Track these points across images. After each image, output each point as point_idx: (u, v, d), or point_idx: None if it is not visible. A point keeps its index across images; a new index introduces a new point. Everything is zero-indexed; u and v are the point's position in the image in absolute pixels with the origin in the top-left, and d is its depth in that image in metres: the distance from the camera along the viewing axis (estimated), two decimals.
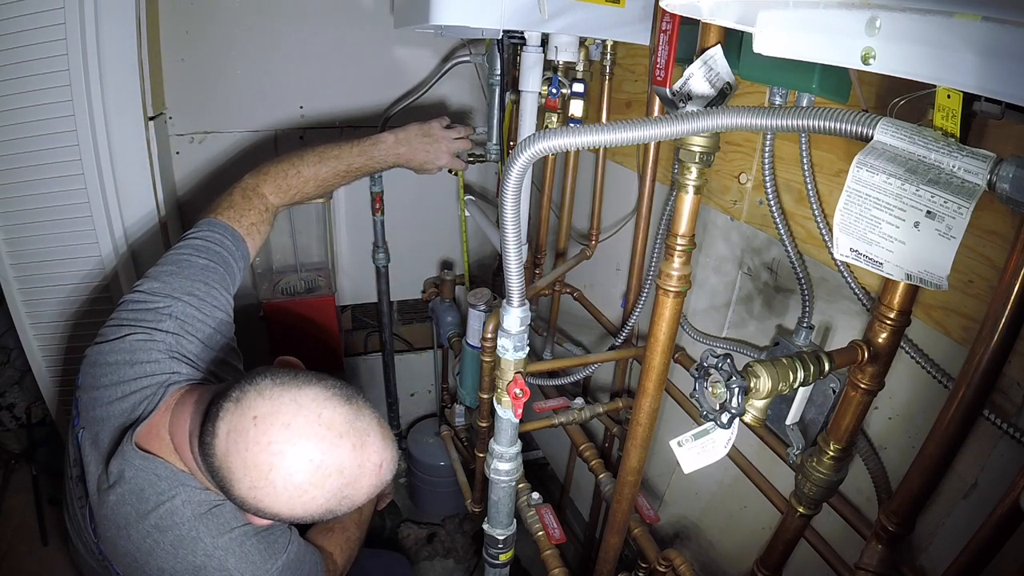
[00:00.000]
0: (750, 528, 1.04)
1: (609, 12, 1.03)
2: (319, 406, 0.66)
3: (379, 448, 0.70)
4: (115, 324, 0.83)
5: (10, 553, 1.55)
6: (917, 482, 0.67)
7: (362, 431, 0.68)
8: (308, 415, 0.65)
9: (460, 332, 1.68)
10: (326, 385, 0.69)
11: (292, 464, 0.64)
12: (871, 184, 0.50)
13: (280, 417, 0.64)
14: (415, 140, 1.20)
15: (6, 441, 1.83)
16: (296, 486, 0.65)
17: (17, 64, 1.16)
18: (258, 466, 0.64)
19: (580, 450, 1.27)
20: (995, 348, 0.57)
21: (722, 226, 1.05)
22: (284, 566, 0.80)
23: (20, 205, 1.27)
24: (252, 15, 1.44)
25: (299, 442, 0.64)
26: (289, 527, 0.85)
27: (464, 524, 1.89)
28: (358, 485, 0.69)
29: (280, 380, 0.67)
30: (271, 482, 0.65)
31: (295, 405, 0.65)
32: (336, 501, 0.68)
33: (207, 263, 0.91)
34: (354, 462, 0.67)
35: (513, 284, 0.70)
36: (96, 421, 0.79)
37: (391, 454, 0.72)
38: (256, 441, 0.64)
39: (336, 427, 0.66)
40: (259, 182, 1.03)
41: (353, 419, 0.68)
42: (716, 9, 0.61)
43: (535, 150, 0.56)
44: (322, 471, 0.65)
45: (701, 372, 0.62)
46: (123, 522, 0.75)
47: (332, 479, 0.66)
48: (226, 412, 0.66)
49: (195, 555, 0.74)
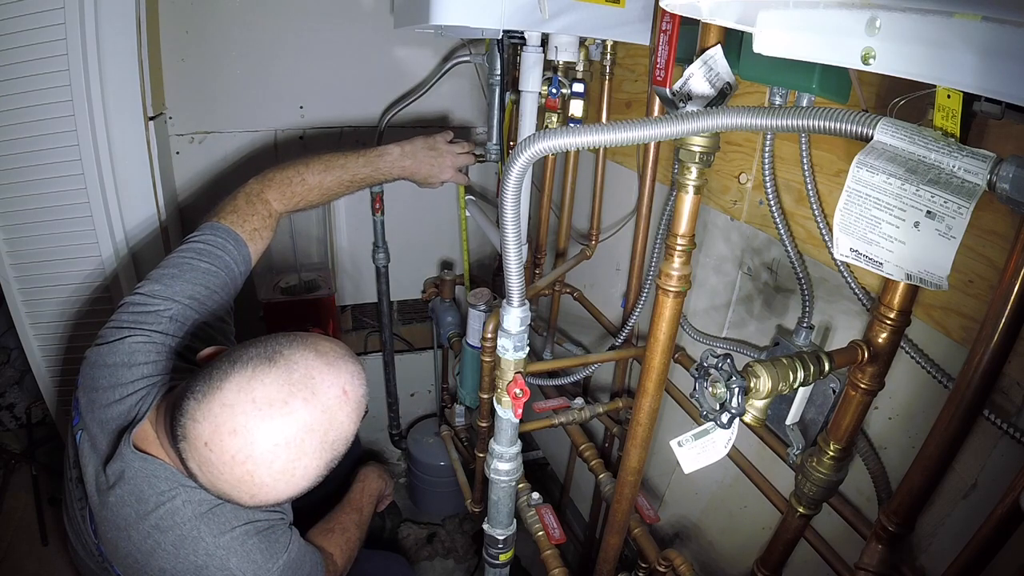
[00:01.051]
0: (750, 528, 1.04)
1: (609, 12, 1.03)
2: (247, 392, 0.65)
3: (332, 379, 0.68)
4: (115, 326, 0.83)
5: (10, 553, 1.54)
6: (917, 482, 0.67)
7: (303, 379, 0.67)
8: (244, 407, 0.64)
9: (460, 332, 1.68)
10: (244, 363, 0.67)
11: (263, 458, 0.64)
12: (871, 184, 0.50)
13: (223, 429, 0.64)
14: (420, 153, 1.20)
15: (6, 441, 1.83)
16: (282, 471, 0.65)
17: (17, 64, 1.16)
18: (241, 479, 0.65)
19: (580, 450, 1.27)
20: (995, 348, 0.57)
21: (722, 226, 1.05)
22: (285, 565, 0.80)
23: (20, 205, 1.27)
24: (252, 15, 1.44)
25: (255, 436, 0.64)
26: (290, 526, 0.85)
27: (464, 524, 1.89)
28: (337, 423, 0.68)
29: (200, 392, 0.65)
30: (261, 483, 0.65)
31: (227, 408, 0.64)
32: (328, 452, 0.68)
33: (208, 267, 0.90)
34: (316, 411, 0.66)
35: (513, 284, 0.70)
36: (95, 423, 0.79)
37: (347, 374, 0.70)
38: (223, 463, 0.64)
39: (276, 397, 0.65)
40: (263, 188, 1.03)
41: (287, 376, 0.66)
42: (716, 9, 0.61)
43: (535, 150, 0.56)
44: (294, 444, 0.65)
45: (701, 372, 0.62)
46: (123, 523, 0.75)
47: (308, 441, 0.66)
48: (185, 451, 0.66)
49: (196, 555, 0.74)
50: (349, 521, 1.09)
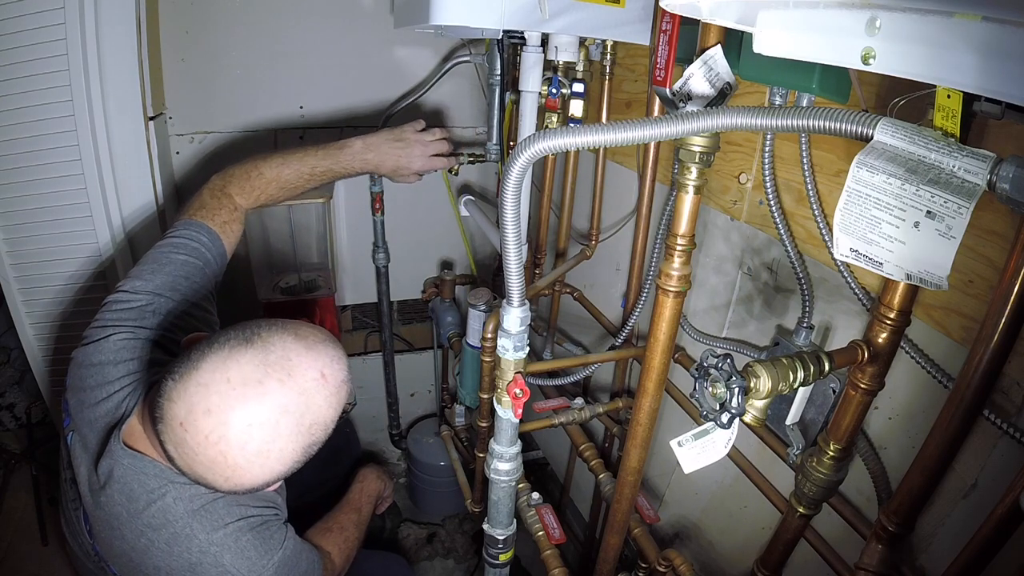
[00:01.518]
0: (750, 528, 1.04)
1: (609, 12, 1.03)
2: (222, 372, 0.64)
3: (310, 362, 0.67)
4: (99, 325, 0.83)
5: (10, 553, 1.54)
6: (917, 482, 0.67)
7: (280, 360, 0.66)
8: (219, 387, 0.63)
9: (460, 332, 1.68)
10: (221, 344, 0.66)
11: (237, 438, 0.63)
12: (871, 184, 0.50)
13: (197, 408, 0.63)
14: (384, 145, 1.17)
15: (6, 441, 1.83)
16: (256, 452, 0.64)
17: (17, 64, 1.16)
18: (215, 460, 0.64)
19: (580, 450, 1.27)
20: (995, 348, 0.57)
21: (722, 226, 1.05)
22: (280, 562, 0.80)
23: (20, 206, 1.27)
24: (252, 15, 1.44)
25: (228, 416, 0.63)
26: (285, 523, 0.85)
27: (464, 524, 1.89)
28: (314, 407, 0.67)
29: (179, 373, 0.65)
30: (235, 464, 0.64)
31: (202, 388, 0.63)
32: (305, 436, 0.67)
33: (187, 259, 0.91)
34: (291, 393, 0.65)
35: (513, 284, 0.70)
36: (84, 423, 0.79)
37: (326, 357, 0.69)
38: (197, 443, 0.63)
39: (251, 377, 0.64)
40: (225, 183, 1.04)
41: (263, 356, 0.65)
42: (716, 9, 0.61)
43: (535, 150, 0.56)
44: (268, 425, 0.64)
45: (701, 372, 0.62)
46: (115, 522, 0.75)
47: (283, 423, 0.65)
48: (163, 432, 0.65)
49: (190, 552, 0.74)
50: (348, 521, 1.09)
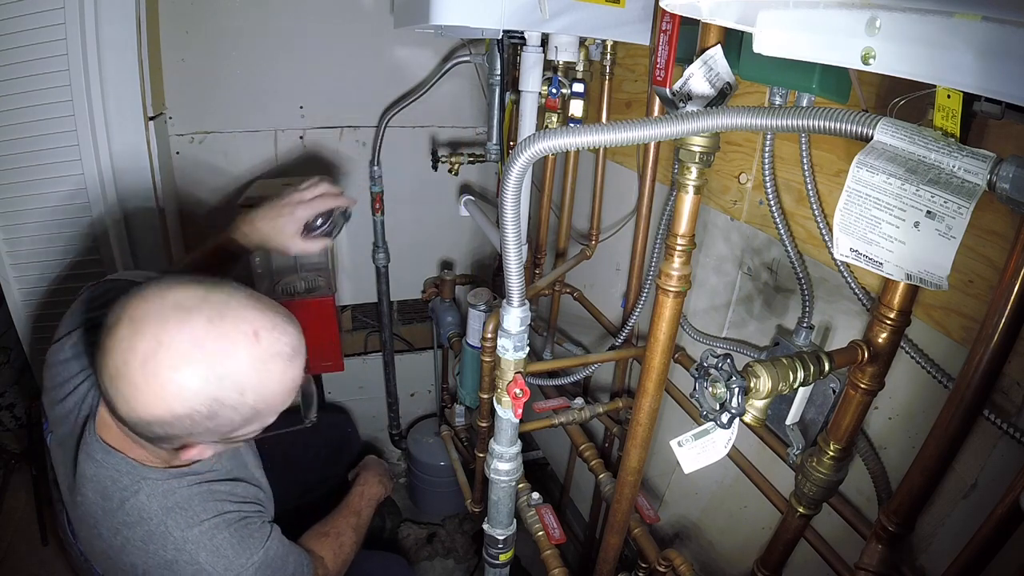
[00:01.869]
0: (750, 528, 1.04)
1: (609, 12, 1.03)
2: (164, 294, 0.62)
3: (248, 315, 0.64)
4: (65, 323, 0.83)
5: (10, 553, 1.54)
6: (917, 482, 0.67)
7: (219, 303, 0.63)
8: (153, 303, 0.62)
9: (460, 332, 1.68)
10: (179, 276, 0.66)
11: (142, 352, 0.60)
12: (871, 184, 0.50)
13: (126, 315, 0.61)
14: (259, 219, 0.96)
15: (6, 441, 1.83)
16: (154, 374, 0.60)
17: (17, 64, 1.16)
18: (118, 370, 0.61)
19: (580, 450, 1.27)
20: (995, 348, 0.57)
21: (722, 226, 1.05)
22: (261, 563, 0.78)
23: (20, 205, 1.27)
24: (252, 15, 1.44)
25: (144, 327, 0.60)
26: (270, 523, 0.84)
27: (464, 524, 1.89)
28: (234, 360, 0.63)
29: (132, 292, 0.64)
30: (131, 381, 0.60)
31: (140, 300, 0.62)
32: (213, 385, 0.62)
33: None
34: (213, 333, 0.62)
35: (513, 284, 0.70)
36: (57, 422, 0.79)
37: (268, 321, 0.66)
38: (110, 347, 0.61)
39: (184, 304, 0.62)
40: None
41: (205, 294, 0.64)
42: (716, 9, 0.61)
43: (535, 150, 0.56)
44: (175, 351, 0.60)
45: (701, 372, 0.62)
46: (92, 521, 0.75)
47: (192, 355, 0.61)
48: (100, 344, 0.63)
49: (166, 550, 0.73)
50: (345, 525, 1.09)
